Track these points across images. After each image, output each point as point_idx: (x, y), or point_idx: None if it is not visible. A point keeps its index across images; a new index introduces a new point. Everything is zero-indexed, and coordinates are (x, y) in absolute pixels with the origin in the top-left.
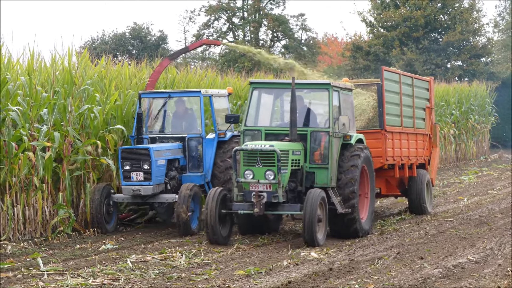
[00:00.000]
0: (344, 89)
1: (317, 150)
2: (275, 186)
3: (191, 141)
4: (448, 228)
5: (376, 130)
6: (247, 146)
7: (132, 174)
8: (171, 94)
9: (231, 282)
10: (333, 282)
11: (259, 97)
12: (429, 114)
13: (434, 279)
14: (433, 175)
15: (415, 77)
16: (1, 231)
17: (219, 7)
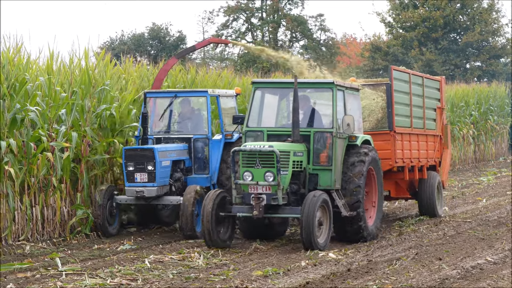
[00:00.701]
0: (350, 89)
1: (320, 151)
2: (274, 188)
3: (197, 142)
4: (466, 229)
5: (385, 131)
6: (246, 146)
7: (136, 175)
8: (177, 94)
9: (249, 283)
10: (351, 283)
11: (262, 97)
12: (440, 114)
13: (452, 280)
14: (444, 177)
15: (426, 76)
16: (19, 231)
17: (237, 7)
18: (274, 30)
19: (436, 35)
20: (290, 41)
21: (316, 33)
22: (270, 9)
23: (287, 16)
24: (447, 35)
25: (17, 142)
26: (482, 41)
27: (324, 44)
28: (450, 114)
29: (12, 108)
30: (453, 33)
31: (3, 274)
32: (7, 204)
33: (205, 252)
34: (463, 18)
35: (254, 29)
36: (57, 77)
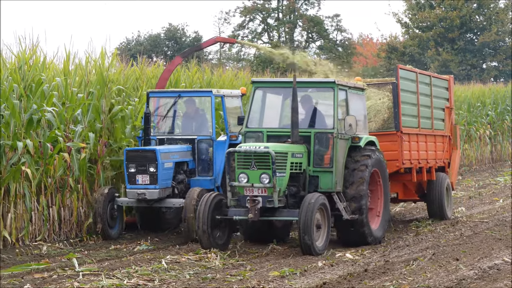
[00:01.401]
0: (353, 88)
1: (321, 152)
2: (270, 190)
3: (201, 144)
4: (483, 230)
5: (391, 131)
6: (241, 147)
7: (138, 177)
8: (181, 94)
9: (266, 283)
10: (368, 283)
11: (264, 97)
12: (448, 114)
13: (469, 281)
14: (454, 179)
15: (434, 75)
16: (36, 232)
17: (254, 8)
18: (290, 30)
19: (452, 35)
20: (306, 41)
21: (333, 33)
22: (286, 10)
23: (304, 17)
24: (463, 35)
25: (33, 143)
26: (498, 41)
27: (340, 44)
28: (466, 114)
29: (29, 108)
30: (470, 33)
31: (20, 275)
32: (24, 204)
33: (221, 253)
34: (480, 18)
35: (270, 29)
36: (74, 77)
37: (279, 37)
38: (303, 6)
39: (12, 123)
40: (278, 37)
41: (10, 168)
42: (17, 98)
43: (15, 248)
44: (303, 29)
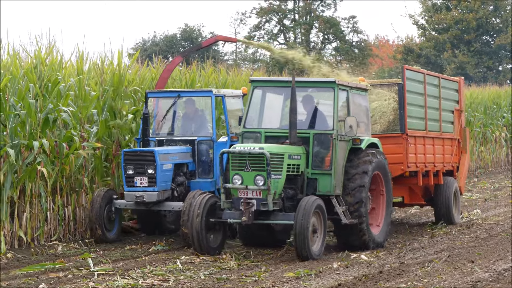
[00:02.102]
0: (355, 89)
1: (320, 154)
2: (265, 192)
3: (201, 145)
4: (499, 232)
5: (396, 134)
6: (235, 148)
7: (136, 179)
8: (180, 94)
9: (280, 284)
10: (383, 285)
11: (264, 97)
12: (458, 117)
13: (484, 283)
14: (462, 183)
15: (442, 77)
16: (52, 232)
17: (270, 9)
18: (306, 31)
19: (469, 37)
20: (322, 42)
21: (349, 34)
22: (302, 11)
23: (320, 18)
24: (480, 37)
25: (49, 142)
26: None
27: (356, 46)
28: (482, 116)
29: (45, 108)
30: (486, 35)
31: (35, 274)
32: (39, 204)
33: (236, 253)
34: (496, 20)
35: (286, 30)
36: (86, 77)
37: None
38: (319, 8)
39: (28, 123)
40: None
41: (25, 167)
42: (33, 97)
43: (30, 247)
44: (319, 30)
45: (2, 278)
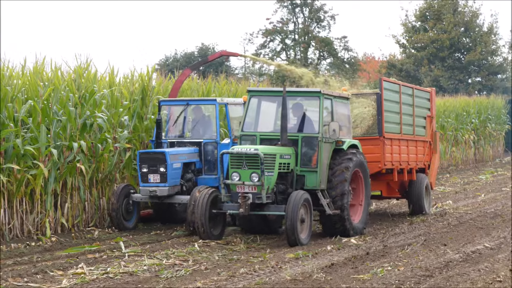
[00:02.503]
0: (338, 98)
1: (307, 154)
2: (259, 187)
3: (206, 146)
4: (467, 220)
5: (375, 137)
6: (234, 149)
7: (149, 176)
8: (189, 102)
9: (283, 264)
10: (369, 265)
11: (259, 104)
12: (429, 122)
13: (455, 263)
14: (433, 179)
15: (416, 87)
16: (89, 219)
17: (274, 30)
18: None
19: (443, 54)
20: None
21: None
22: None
23: (316, 38)
24: (452, 54)
25: (87, 144)
26: (482, 59)
27: (347, 62)
28: (454, 121)
29: (83, 115)
30: (458, 53)
31: (75, 255)
32: (78, 196)
33: (246, 237)
34: (466, 40)
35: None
36: (118, 88)
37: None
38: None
39: (68, 127)
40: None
41: (67, 165)
42: (73, 105)
43: (71, 232)
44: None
45: (47, 258)
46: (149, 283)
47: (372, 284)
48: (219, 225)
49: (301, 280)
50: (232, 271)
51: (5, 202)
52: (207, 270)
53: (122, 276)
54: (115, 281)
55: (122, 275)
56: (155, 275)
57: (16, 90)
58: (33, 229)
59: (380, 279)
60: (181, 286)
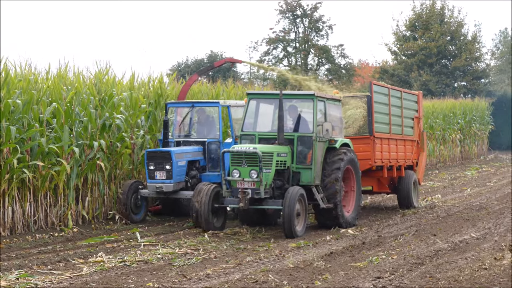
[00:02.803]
0: (330, 100)
1: (302, 152)
2: (258, 183)
3: (210, 145)
4: (455, 212)
5: (365, 136)
6: (234, 148)
7: (156, 173)
8: (194, 104)
9: (285, 252)
10: (365, 253)
11: (258, 106)
12: (417, 123)
13: (444, 252)
14: (420, 176)
15: (404, 91)
16: (108, 211)
17: (277, 39)
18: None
19: (431, 61)
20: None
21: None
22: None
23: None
24: (439, 61)
25: (106, 143)
26: (467, 65)
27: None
28: (442, 122)
29: (102, 116)
30: (444, 60)
31: (95, 244)
32: (98, 190)
33: (252, 229)
34: (452, 48)
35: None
36: (138, 92)
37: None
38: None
39: (89, 127)
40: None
41: (88, 162)
42: (93, 107)
43: (91, 224)
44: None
45: (69, 248)
46: (163, 271)
47: (368, 271)
48: (221, 218)
49: (303, 268)
50: (239, 259)
51: (31, 196)
52: (216, 259)
53: (138, 264)
54: (132, 268)
55: (138, 263)
56: (168, 263)
57: (41, 93)
58: (56, 221)
59: (375, 266)
60: (192, 273)
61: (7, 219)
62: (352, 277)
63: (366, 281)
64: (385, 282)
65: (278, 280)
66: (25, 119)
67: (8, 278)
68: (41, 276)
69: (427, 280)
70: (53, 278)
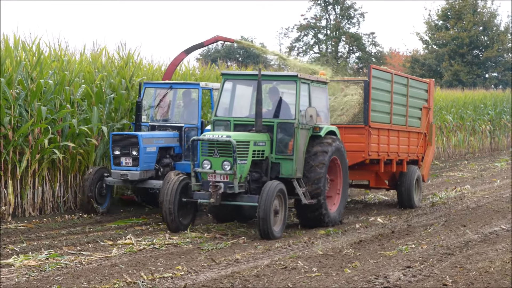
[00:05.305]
0: (316, 82)
1: (282, 141)
2: (231, 176)
3: (188, 131)
4: (485, 203)
5: (360, 125)
6: (205, 136)
7: (122, 159)
8: (172, 86)
9: (314, 239)
10: (394, 242)
11: (234, 88)
12: (426, 114)
13: (474, 243)
14: (425, 172)
15: (411, 77)
16: None
17: (307, 25)
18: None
19: (462, 51)
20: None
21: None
22: (333, 27)
23: (346, 33)
24: (471, 51)
25: None
26: (499, 56)
27: (374, 56)
28: (472, 113)
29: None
30: (476, 50)
31: (124, 227)
32: None
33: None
34: (484, 38)
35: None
36: None
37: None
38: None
39: (120, 108)
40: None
41: None
42: (124, 89)
43: (120, 207)
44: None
45: (98, 230)
46: (191, 254)
47: (398, 260)
48: (189, 214)
49: (332, 255)
50: (268, 245)
51: (61, 177)
52: (245, 244)
53: (167, 247)
54: (161, 251)
55: (167, 246)
56: (197, 247)
57: (73, 75)
58: None
59: (405, 255)
60: (221, 257)
61: (37, 199)
62: (381, 266)
63: (396, 270)
64: (415, 271)
65: (307, 266)
66: (57, 100)
67: (38, 257)
68: (71, 256)
69: (458, 271)
70: (82, 259)
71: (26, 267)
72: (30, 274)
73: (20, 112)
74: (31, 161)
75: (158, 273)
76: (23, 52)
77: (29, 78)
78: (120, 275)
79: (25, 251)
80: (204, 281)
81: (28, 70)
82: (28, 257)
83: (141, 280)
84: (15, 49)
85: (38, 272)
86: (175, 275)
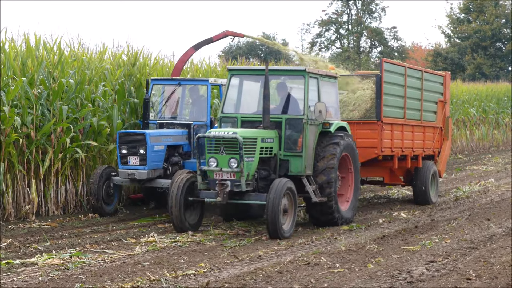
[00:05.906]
0: (325, 76)
1: (291, 137)
2: (238, 174)
3: (197, 128)
4: (509, 197)
5: (372, 121)
6: (211, 133)
7: (129, 158)
8: (180, 82)
9: (337, 235)
10: (418, 237)
11: (241, 84)
12: (441, 107)
13: (498, 236)
14: (442, 167)
15: (426, 71)
16: None
17: (329, 21)
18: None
19: (485, 44)
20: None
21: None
22: (354, 22)
23: (368, 28)
24: (494, 44)
25: None
26: None
27: (396, 50)
28: (495, 106)
29: None
30: (499, 43)
31: (146, 225)
32: None
33: (304, 210)
34: (507, 31)
35: (341, 38)
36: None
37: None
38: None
39: (139, 108)
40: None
41: None
42: (144, 88)
43: (143, 205)
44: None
45: (121, 228)
46: (214, 251)
47: (421, 255)
48: (197, 214)
49: (355, 250)
50: (291, 242)
51: (84, 176)
52: (268, 240)
53: (190, 244)
54: (184, 248)
55: (190, 244)
56: (220, 244)
57: (93, 74)
58: None
59: (428, 250)
60: (244, 254)
61: (60, 198)
62: (405, 261)
63: (419, 264)
64: (439, 266)
65: (330, 262)
66: (78, 99)
67: (61, 256)
68: (94, 255)
69: (481, 265)
70: (106, 257)
71: (50, 266)
72: (53, 273)
73: (42, 111)
74: (54, 160)
75: (181, 270)
76: (44, 52)
77: (50, 77)
78: (143, 273)
79: (48, 250)
80: (227, 278)
81: (49, 69)
82: (51, 255)
83: (164, 277)
84: (36, 49)
85: (61, 270)
86: (198, 272)
